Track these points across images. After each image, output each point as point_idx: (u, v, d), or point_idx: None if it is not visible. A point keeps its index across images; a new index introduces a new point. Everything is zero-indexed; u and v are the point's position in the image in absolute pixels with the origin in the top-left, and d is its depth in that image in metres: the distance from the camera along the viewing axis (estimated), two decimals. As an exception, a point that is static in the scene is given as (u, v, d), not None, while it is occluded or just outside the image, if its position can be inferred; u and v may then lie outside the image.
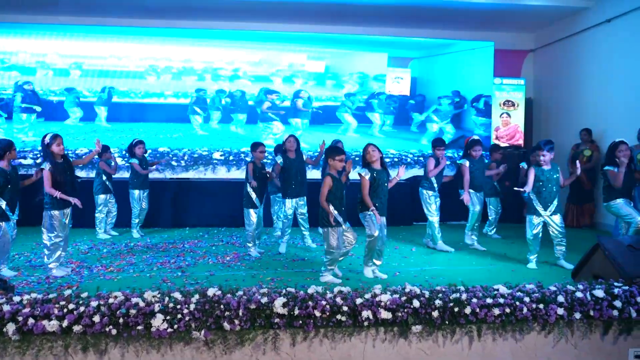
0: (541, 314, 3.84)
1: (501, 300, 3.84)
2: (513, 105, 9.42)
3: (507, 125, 9.39)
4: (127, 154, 7.52)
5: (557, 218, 5.72)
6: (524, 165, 7.32)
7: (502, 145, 9.33)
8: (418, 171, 8.89)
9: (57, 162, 5.12)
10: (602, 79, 8.39)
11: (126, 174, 7.60)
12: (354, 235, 5.09)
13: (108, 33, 8.96)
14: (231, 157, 8.88)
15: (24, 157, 8.41)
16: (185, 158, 8.75)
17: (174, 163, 8.64)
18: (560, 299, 3.89)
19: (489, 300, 3.82)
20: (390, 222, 8.15)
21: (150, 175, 7.56)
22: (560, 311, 3.84)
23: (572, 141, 8.84)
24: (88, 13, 8.84)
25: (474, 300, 3.82)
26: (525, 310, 3.81)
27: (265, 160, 6.78)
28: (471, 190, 6.62)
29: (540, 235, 5.77)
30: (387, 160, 8.87)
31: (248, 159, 8.14)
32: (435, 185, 6.40)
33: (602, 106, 8.42)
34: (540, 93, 10.13)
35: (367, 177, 4.90)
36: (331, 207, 4.82)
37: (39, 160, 8.40)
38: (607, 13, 8.20)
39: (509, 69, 9.89)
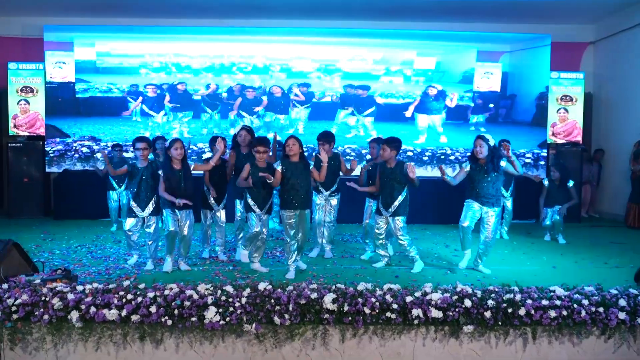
0: (601, 317, 3.68)
1: (558, 302, 3.72)
2: (571, 100, 9.04)
3: (565, 121, 9.03)
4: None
5: (398, 222, 5.21)
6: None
7: (559, 142, 9.00)
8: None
9: (173, 168, 5.15)
10: (669, 71, 7.94)
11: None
12: (265, 232, 5.27)
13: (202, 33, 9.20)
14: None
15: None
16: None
17: None
18: (622, 302, 3.72)
19: (544, 302, 3.70)
20: (440, 221, 8.16)
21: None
22: (622, 315, 3.67)
23: (634, 138, 8.42)
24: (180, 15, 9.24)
25: (529, 301, 3.71)
26: (583, 313, 3.67)
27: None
28: None
29: (381, 239, 5.40)
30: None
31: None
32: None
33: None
34: (600, 87, 9.68)
35: (280, 168, 5.07)
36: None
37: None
38: (675, 2, 7.75)
39: (567, 63, 9.49)
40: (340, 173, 5.85)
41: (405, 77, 9.13)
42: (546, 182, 7.06)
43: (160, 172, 5.17)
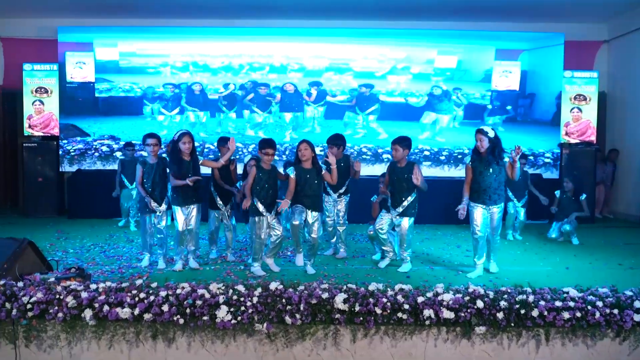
0: (615, 319, 3.64)
1: (571, 304, 3.68)
2: (585, 99, 8.94)
3: (578, 120, 8.93)
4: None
5: (405, 222, 5.25)
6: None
7: (573, 141, 8.90)
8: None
9: (182, 159, 5.18)
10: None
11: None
12: (281, 229, 5.19)
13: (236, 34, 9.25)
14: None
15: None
16: (287, 153, 8.79)
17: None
18: (637, 304, 3.68)
19: (558, 303, 3.67)
20: (451, 221, 8.06)
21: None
22: (637, 317, 3.62)
23: (650, 137, 8.32)
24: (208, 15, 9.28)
25: (542, 302, 3.68)
26: (597, 315, 3.63)
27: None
28: None
29: (383, 234, 5.35)
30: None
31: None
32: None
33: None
34: (615, 86, 9.57)
35: (293, 175, 5.04)
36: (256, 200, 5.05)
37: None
38: (692, -1, 7.63)
39: (580, 62, 9.39)
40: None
41: (414, 75, 9.08)
42: (558, 193, 6.98)
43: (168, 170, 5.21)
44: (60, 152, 8.94)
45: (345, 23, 9.37)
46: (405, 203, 5.22)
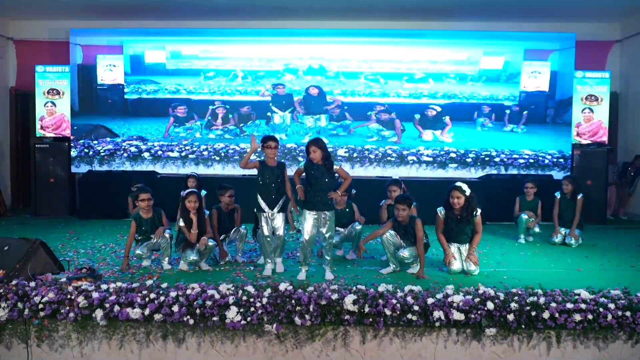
0: (628, 322, 3.61)
1: (583, 306, 3.66)
2: (596, 99, 8.86)
3: (590, 121, 8.85)
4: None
5: (412, 269, 5.29)
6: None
7: (584, 142, 8.81)
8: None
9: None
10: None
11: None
12: (282, 230, 5.18)
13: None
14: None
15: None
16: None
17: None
18: (650, 306, 3.64)
19: (569, 305, 3.65)
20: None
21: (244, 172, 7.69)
22: (650, 320, 3.59)
23: (663, 138, 8.22)
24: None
25: (553, 304, 3.66)
26: (610, 317, 3.60)
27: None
28: None
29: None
30: (521, 161, 8.70)
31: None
32: None
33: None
34: (627, 86, 9.47)
35: (301, 166, 5.04)
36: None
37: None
38: None
39: (592, 62, 9.30)
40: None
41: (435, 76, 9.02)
42: (558, 195, 6.91)
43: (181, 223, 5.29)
44: (91, 153, 9.03)
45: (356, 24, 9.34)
46: (408, 257, 5.20)
